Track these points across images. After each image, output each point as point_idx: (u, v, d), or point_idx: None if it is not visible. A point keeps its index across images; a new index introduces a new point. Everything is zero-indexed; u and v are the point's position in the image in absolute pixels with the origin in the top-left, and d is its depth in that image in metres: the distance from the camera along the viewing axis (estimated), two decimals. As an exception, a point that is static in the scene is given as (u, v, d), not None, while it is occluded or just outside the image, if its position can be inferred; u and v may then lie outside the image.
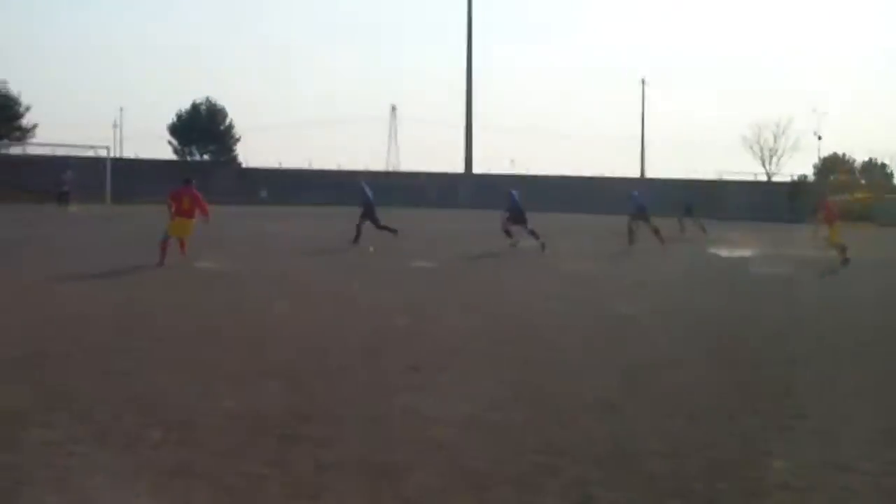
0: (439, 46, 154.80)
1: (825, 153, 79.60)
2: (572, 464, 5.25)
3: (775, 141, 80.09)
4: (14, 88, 63.75)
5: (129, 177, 54.15)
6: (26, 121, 64.01)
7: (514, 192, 24.87)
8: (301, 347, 8.70)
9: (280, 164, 65.73)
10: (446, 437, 5.70)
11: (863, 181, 69.94)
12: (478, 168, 71.22)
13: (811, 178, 71.71)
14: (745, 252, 23.66)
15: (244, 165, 71.24)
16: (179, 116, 71.27)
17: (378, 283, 15.24)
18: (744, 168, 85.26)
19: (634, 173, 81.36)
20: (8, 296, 12.02)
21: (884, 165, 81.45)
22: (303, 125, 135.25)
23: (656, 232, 25.95)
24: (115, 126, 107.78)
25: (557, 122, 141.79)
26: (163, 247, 16.63)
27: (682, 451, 5.53)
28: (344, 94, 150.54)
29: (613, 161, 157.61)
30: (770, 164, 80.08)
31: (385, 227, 23.96)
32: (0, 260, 17.36)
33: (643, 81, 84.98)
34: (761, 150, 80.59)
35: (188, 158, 69.95)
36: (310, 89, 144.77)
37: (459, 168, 71.43)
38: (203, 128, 70.40)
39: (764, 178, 74.21)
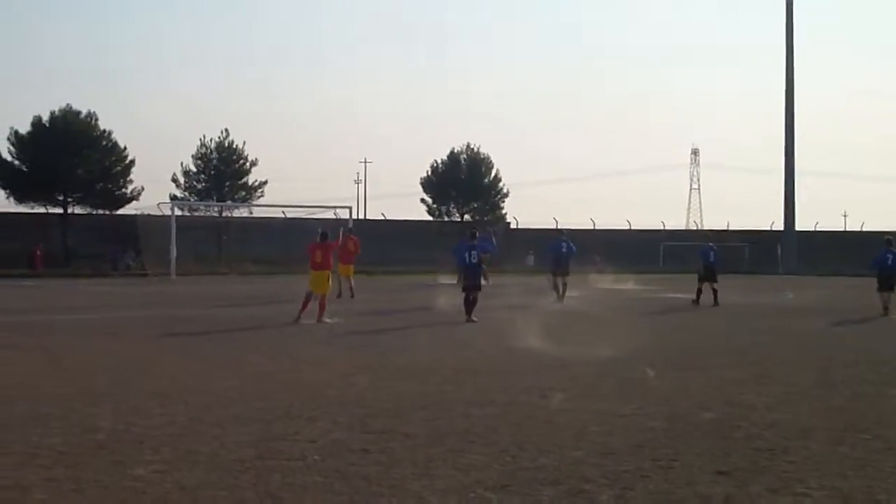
0: (745, 73, 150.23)
1: None
2: None
3: None
4: (238, 140, 62.49)
5: (374, 241, 53.72)
6: (254, 178, 62.50)
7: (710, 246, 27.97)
8: (569, 446, 8.11)
9: (556, 223, 58.20)
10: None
11: None
12: (802, 223, 68.15)
13: None
14: None
15: (513, 226, 68.57)
16: (434, 168, 69.38)
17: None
18: None
19: None
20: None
21: None
22: (581, 179, 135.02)
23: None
24: (357, 181, 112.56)
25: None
26: (304, 302, 19.83)
27: None
28: (630, 138, 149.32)
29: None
30: None
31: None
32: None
33: None
34: None
35: (445, 218, 68.41)
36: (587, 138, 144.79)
37: (778, 224, 68.61)
38: (463, 181, 68.25)
39: None
